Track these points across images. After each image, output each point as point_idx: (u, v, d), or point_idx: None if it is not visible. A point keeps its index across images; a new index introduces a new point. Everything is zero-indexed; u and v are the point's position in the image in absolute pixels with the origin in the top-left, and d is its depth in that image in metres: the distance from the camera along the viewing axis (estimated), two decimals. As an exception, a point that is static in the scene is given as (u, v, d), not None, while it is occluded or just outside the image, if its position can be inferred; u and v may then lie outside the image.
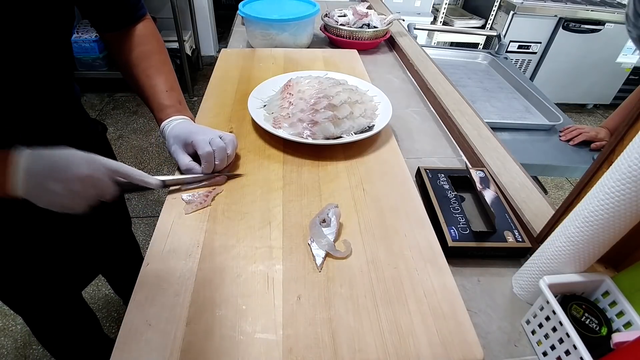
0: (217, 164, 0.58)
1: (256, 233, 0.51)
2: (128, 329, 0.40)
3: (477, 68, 1.51)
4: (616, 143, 0.42)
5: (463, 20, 2.62)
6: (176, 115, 0.62)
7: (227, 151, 0.59)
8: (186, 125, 0.60)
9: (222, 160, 0.58)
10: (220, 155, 0.57)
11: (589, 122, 2.83)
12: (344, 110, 0.68)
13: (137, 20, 0.65)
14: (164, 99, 0.63)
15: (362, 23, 1.15)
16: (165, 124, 0.61)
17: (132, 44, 0.64)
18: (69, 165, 0.46)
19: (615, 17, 2.35)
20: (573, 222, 0.41)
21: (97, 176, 0.47)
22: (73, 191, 0.46)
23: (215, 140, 0.57)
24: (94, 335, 0.98)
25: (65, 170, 0.45)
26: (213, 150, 0.57)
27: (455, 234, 0.53)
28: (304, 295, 0.44)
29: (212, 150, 0.57)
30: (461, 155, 0.75)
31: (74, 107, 0.69)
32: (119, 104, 2.54)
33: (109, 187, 0.49)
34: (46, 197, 0.46)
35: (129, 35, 0.65)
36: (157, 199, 1.86)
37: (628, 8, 0.51)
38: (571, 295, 0.44)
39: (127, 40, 0.64)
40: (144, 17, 0.67)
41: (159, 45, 0.67)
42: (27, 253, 0.68)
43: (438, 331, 0.41)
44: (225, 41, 2.08)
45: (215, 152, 0.57)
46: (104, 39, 0.66)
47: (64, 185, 0.45)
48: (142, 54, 0.64)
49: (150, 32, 0.67)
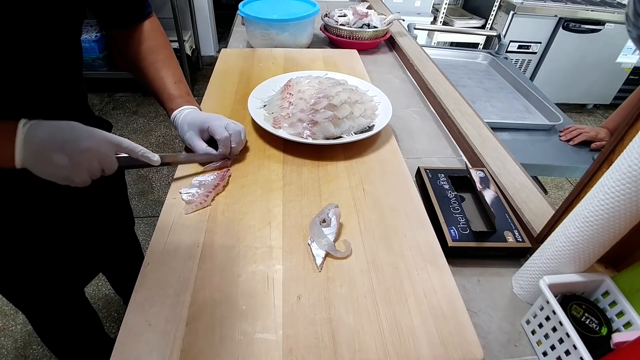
0: (234, 147, 0.61)
1: (256, 233, 0.51)
2: (128, 329, 0.40)
3: (477, 68, 1.51)
4: (616, 143, 0.42)
5: (463, 20, 2.62)
6: (186, 105, 0.64)
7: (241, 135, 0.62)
8: (198, 113, 0.63)
9: (238, 144, 0.61)
10: (237, 138, 0.61)
11: (589, 122, 2.83)
12: (344, 110, 0.68)
13: (144, 17, 0.67)
14: (173, 90, 0.65)
15: (362, 23, 1.15)
16: (177, 113, 0.64)
17: (140, 39, 0.66)
18: (73, 138, 0.47)
19: (615, 17, 2.35)
20: (573, 222, 0.41)
21: (101, 150, 0.49)
22: (77, 163, 0.47)
23: (230, 125, 0.61)
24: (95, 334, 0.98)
25: (70, 143, 0.46)
26: (230, 134, 0.60)
27: (455, 234, 0.53)
28: (304, 295, 0.44)
29: (229, 135, 0.60)
30: (461, 155, 0.75)
31: (81, 105, 0.70)
32: (119, 104, 2.54)
33: (112, 161, 0.51)
34: (50, 168, 0.46)
35: (136, 31, 0.66)
36: (157, 199, 1.86)
37: (628, 8, 0.51)
38: (571, 295, 0.44)
39: (134, 36, 0.66)
40: (150, 14, 0.68)
41: (165, 41, 0.69)
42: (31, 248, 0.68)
43: (438, 331, 0.41)
44: (225, 41, 2.08)
45: (232, 135, 0.60)
46: (111, 36, 0.67)
47: (69, 157, 0.46)
48: (150, 48, 0.66)
49: (156, 28, 0.69)
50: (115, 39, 0.67)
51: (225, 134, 0.59)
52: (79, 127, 0.48)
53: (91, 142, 0.48)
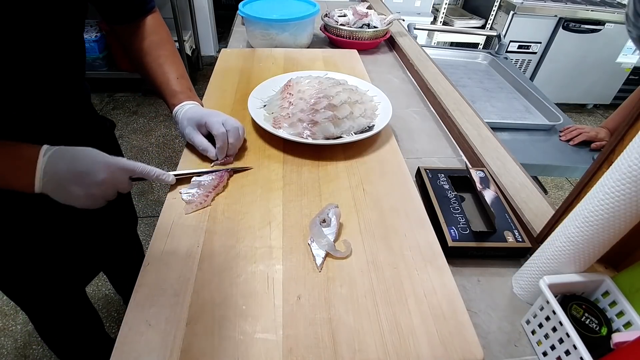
0: (232, 143, 0.60)
1: (256, 233, 0.51)
2: (128, 329, 0.40)
3: (477, 68, 1.51)
4: (616, 143, 0.42)
5: (463, 20, 2.62)
6: (188, 101, 0.65)
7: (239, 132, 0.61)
8: (198, 109, 0.64)
9: (236, 140, 0.61)
10: (234, 135, 0.60)
11: (589, 122, 2.83)
12: (344, 110, 0.68)
13: (147, 12, 0.67)
14: (176, 86, 0.66)
15: (362, 23, 1.15)
16: (178, 108, 0.64)
17: (144, 34, 0.66)
18: (89, 172, 0.49)
19: (615, 17, 2.35)
20: (573, 222, 0.41)
21: (117, 178, 0.51)
22: (93, 194, 0.50)
23: (228, 121, 0.61)
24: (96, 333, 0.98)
25: (87, 177, 0.48)
26: (227, 131, 0.60)
27: (455, 234, 0.53)
28: (304, 295, 0.44)
29: (226, 131, 0.60)
30: (461, 155, 0.75)
31: (85, 104, 0.70)
32: (119, 104, 2.54)
33: (127, 186, 0.53)
34: (67, 197, 0.49)
35: (140, 27, 0.66)
36: (157, 199, 1.86)
37: (628, 8, 0.51)
38: (571, 295, 0.44)
39: (138, 31, 0.66)
40: (153, 9, 0.68)
41: (168, 36, 0.70)
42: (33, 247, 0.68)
43: (438, 331, 0.41)
44: (225, 41, 2.08)
45: (229, 132, 0.60)
46: (114, 32, 0.67)
47: (85, 189, 0.49)
48: (153, 43, 0.66)
49: (159, 23, 0.69)
50: (119, 35, 0.67)
51: (222, 130, 0.59)
52: (95, 158, 0.50)
53: (107, 174, 0.50)
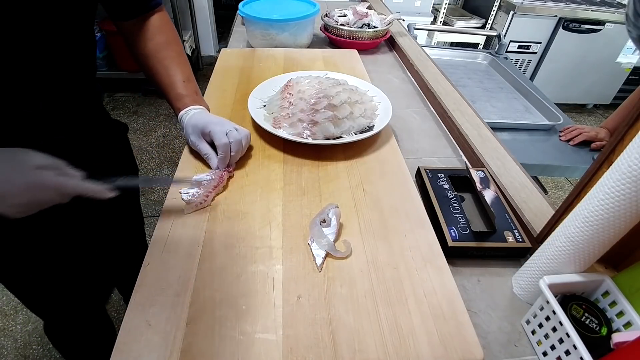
0: (233, 155, 0.60)
1: (256, 233, 0.51)
2: (128, 329, 0.40)
3: (477, 68, 1.51)
4: (616, 143, 0.42)
5: (463, 20, 2.62)
6: (193, 105, 0.64)
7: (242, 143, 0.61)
8: (204, 115, 0.63)
9: (238, 152, 0.60)
10: (236, 147, 0.59)
11: (589, 122, 2.83)
12: (344, 110, 0.68)
13: (152, 8, 0.66)
14: (181, 89, 0.65)
15: (362, 23, 1.15)
16: (183, 113, 0.63)
17: (149, 34, 0.65)
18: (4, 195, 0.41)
19: (615, 17, 2.35)
20: (573, 222, 0.41)
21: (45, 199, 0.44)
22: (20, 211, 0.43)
23: (232, 132, 0.60)
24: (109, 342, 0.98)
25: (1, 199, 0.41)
26: (230, 142, 0.59)
27: (455, 234, 0.53)
28: (304, 295, 0.44)
29: (229, 142, 0.59)
30: (461, 155, 0.75)
31: (97, 105, 0.69)
32: (119, 104, 2.54)
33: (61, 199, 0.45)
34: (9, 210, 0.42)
35: (146, 25, 0.65)
36: (157, 199, 1.86)
37: (628, 8, 0.51)
38: (571, 295, 0.44)
39: (143, 31, 0.65)
40: (159, 6, 0.67)
41: (175, 37, 0.68)
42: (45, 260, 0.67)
43: (438, 331, 0.41)
44: (225, 41, 2.08)
45: (232, 144, 0.59)
46: (120, 30, 0.66)
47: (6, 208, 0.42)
48: (159, 45, 0.65)
49: (165, 23, 0.68)
50: (124, 34, 0.66)
51: (224, 141, 0.58)
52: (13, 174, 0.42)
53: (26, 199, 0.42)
